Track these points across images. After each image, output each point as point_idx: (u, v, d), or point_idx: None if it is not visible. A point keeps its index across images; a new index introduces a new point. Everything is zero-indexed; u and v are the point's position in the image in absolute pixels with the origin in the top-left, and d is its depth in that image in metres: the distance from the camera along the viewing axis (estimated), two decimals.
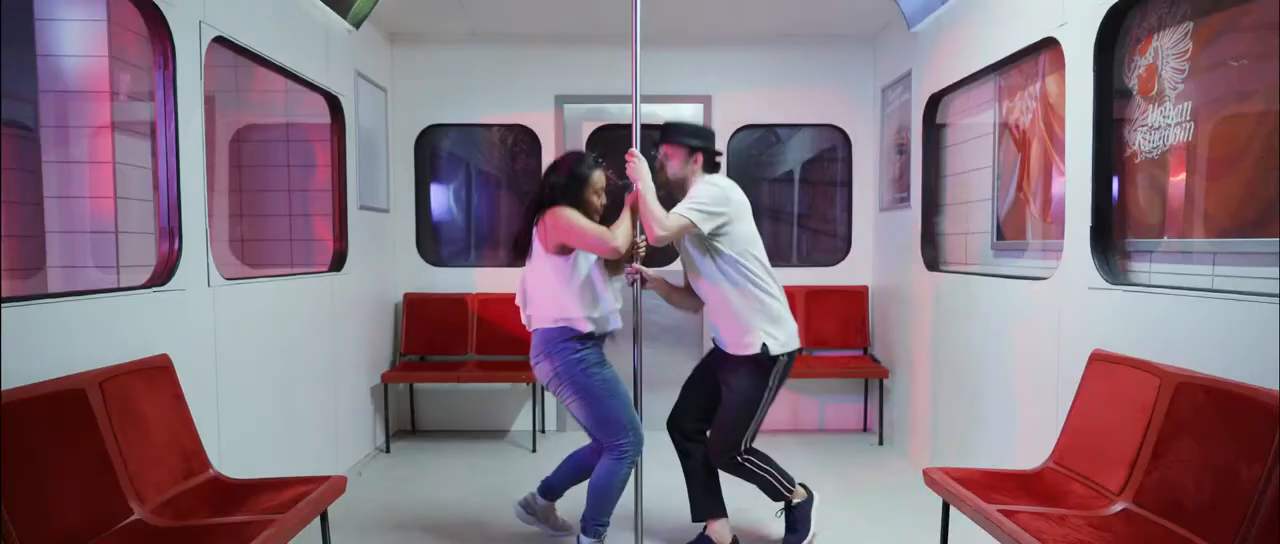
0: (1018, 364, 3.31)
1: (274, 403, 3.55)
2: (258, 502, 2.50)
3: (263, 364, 3.45)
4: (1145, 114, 2.81)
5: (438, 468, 4.45)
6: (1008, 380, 3.40)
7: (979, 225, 4.03)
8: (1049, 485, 2.63)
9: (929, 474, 2.72)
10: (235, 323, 3.19)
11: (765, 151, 5.45)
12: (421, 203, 5.27)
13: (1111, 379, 2.60)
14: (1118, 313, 2.69)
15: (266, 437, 3.46)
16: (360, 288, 4.56)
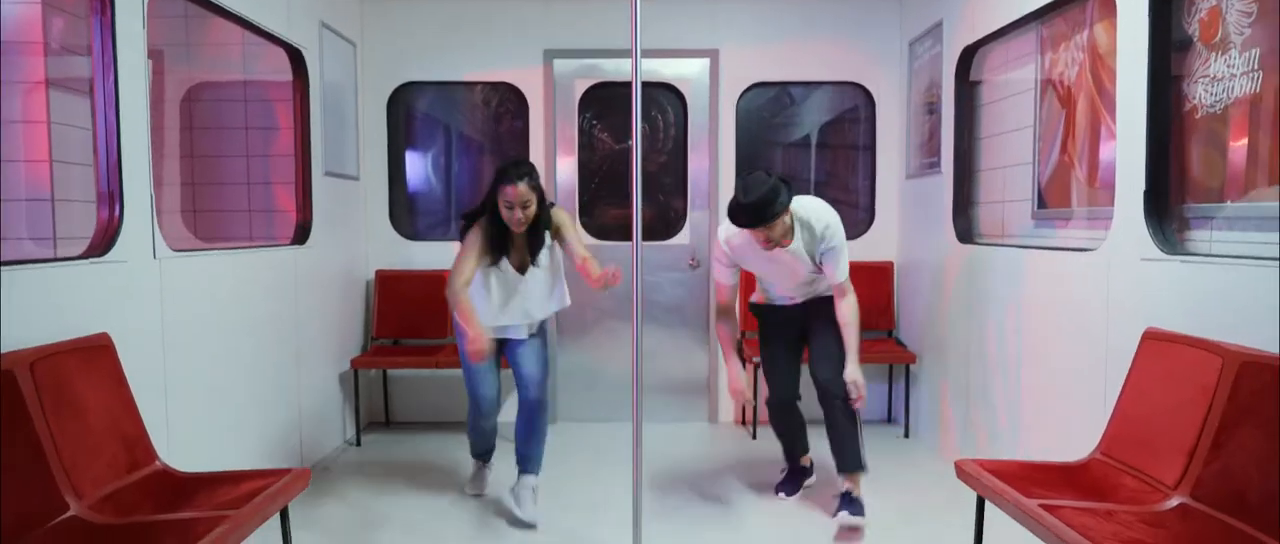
0: (1061, 346, 3.28)
1: (230, 390, 3.51)
2: (210, 497, 2.47)
3: (217, 346, 3.41)
4: (1206, 64, 2.76)
5: (414, 463, 4.43)
6: (1050, 364, 3.37)
7: (1018, 192, 3.99)
8: (1096, 478, 2.60)
9: (962, 466, 2.69)
10: (185, 300, 3.16)
11: (779, 114, 5.41)
12: (395, 170, 5.23)
13: (1167, 360, 2.57)
14: (1174, 286, 2.65)
15: (222, 427, 3.43)
16: (326, 263, 4.52)
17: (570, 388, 5.30)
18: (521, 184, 3.39)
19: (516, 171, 3.41)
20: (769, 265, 3.63)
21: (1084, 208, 3.51)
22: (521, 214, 3.41)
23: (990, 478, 2.55)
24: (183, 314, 3.14)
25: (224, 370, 3.48)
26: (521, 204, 3.40)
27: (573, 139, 5.19)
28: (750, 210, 3.34)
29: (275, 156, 5.02)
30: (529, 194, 3.41)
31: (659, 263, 5.21)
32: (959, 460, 2.72)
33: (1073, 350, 3.19)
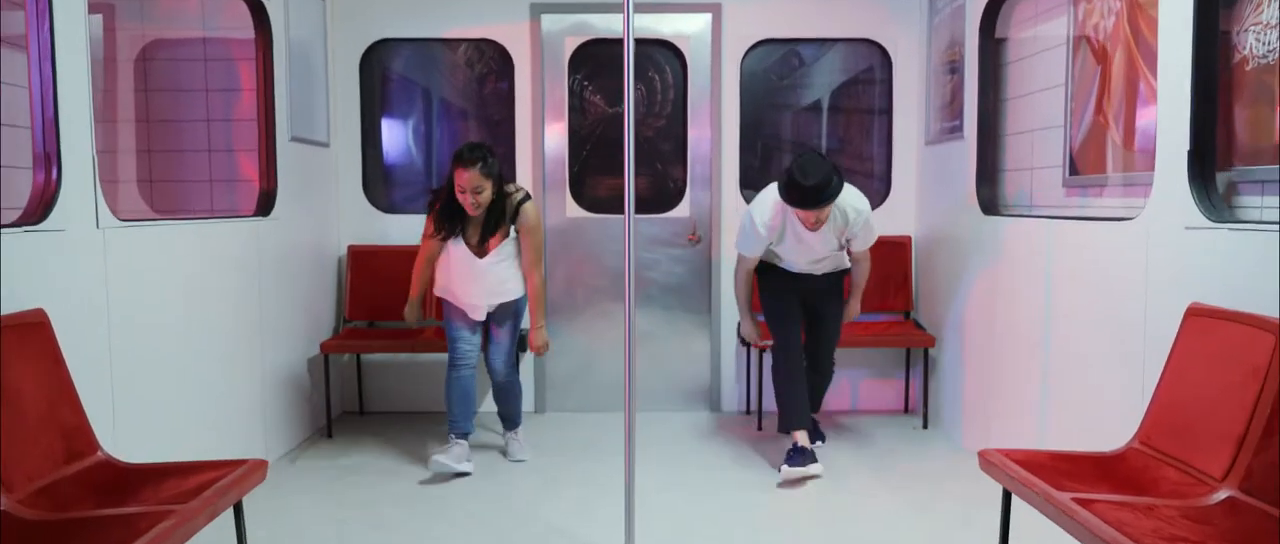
0: (1095, 325, 3.22)
1: (185, 375, 3.44)
2: (156, 490, 2.41)
3: (170, 327, 3.34)
4: (1258, 9, 2.67)
5: (390, 455, 4.37)
6: (1083, 345, 3.31)
7: (1047, 158, 3.92)
8: (1134, 470, 2.53)
9: (986, 457, 2.63)
10: (133, 274, 3.08)
11: (787, 77, 5.32)
12: (369, 136, 5.15)
13: (1213, 339, 2.49)
14: (1221, 258, 2.57)
15: (175, 416, 3.36)
16: (293, 237, 4.45)
17: (560, 375, 5.23)
18: (474, 169, 3.73)
19: (470, 156, 3.74)
20: (796, 244, 3.98)
21: (1120, 173, 3.43)
22: (474, 198, 3.76)
23: (1017, 469, 2.48)
24: (131, 290, 3.06)
25: (178, 354, 3.40)
26: (474, 189, 3.75)
27: (562, 102, 5.10)
28: (812, 192, 3.65)
29: (239, 121, 4.94)
30: (481, 180, 3.75)
31: (656, 238, 5.13)
32: (983, 450, 2.66)
33: (1108, 329, 3.13)
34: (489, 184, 3.80)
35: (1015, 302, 3.86)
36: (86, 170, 2.84)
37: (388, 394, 5.20)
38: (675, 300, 5.21)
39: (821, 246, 3.98)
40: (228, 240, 3.85)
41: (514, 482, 4.00)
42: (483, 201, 3.81)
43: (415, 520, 3.51)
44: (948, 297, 4.65)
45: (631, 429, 3.06)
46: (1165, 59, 2.83)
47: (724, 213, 5.09)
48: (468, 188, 3.77)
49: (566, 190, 5.13)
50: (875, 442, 4.57)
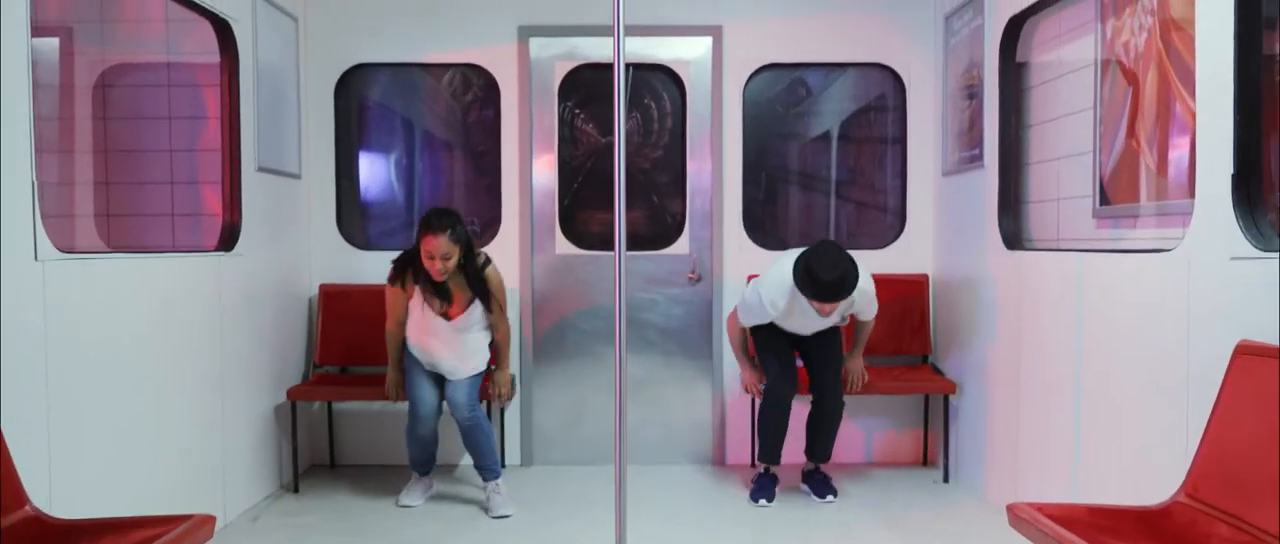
0: (1132, 366, 3.12)
1: (134, 424, 3.32)
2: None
3: (117, 369, 3.22)
4: None
5: (362, 512, 4.23)
6: (1118, 389, 3.20)
7: (1075, 187, 3.85)
8: (1181, 526, 2.43)
9: (1016, 512, 2.51)
10: (77, 311, 2.97)
11: (791, 109, 5.27)
12: (344, 167, 5.09)
13: (1265, 379, 2.39)
14: (1271, 289, 2.47)
15: (122, 469, 3.23)
16: (259, 274, 4.35)
17: (548, 426, 5.11)
18: (443, 236, 3.95)
19: (439, 223, 3.97)
20: (801, 322, 4.19)
21: (1156, 202, 3.34)
22: (442, 265, 3.97)
23: (1052, 525, 2.36)
24: (73, 329, 2.95)
25: (127, 399, 3.28)
26: (443, 256, 3.96)
27: (552, 131, 5.03)
28: (833, 287, 3.83)
29: (204, 151, 4.86)
30: (450, 247, 3.97)
31: (653, 277, 5.04)
32: (1013, 505, 2.54)
33: (1147, 371, 3.03)
34: (457, 250, 4.00)
35: (1044, 343, 3.75)
36: (25, 199, 2.74)
37: (361, 445, 5.06)
38: (674, 344, 5.10)
39: (824, 323, 4.20)
40: (186, 277, 3.74)
41: (500, 540, 3.86)
42: (450, 267, 4.02)
43: None
44: (969, 339, 4.54)
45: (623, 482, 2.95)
46: (1204, 76, 2.76)
47: (726, 249, 5.00)
48: (436, 254, 3.97)
49: (556, 225, 5.05)
50: (892, 496, 4.44)
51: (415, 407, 4.19)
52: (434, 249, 3.96)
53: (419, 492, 4.37)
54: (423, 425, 4.19)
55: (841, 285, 3.82)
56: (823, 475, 4.44)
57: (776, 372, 4.28)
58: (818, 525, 4.02)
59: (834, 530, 3.95)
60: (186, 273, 3.76)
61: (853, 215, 5.41)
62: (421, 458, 4.33)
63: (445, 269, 4.01)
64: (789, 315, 4.15)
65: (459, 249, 4.01)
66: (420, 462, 4.34)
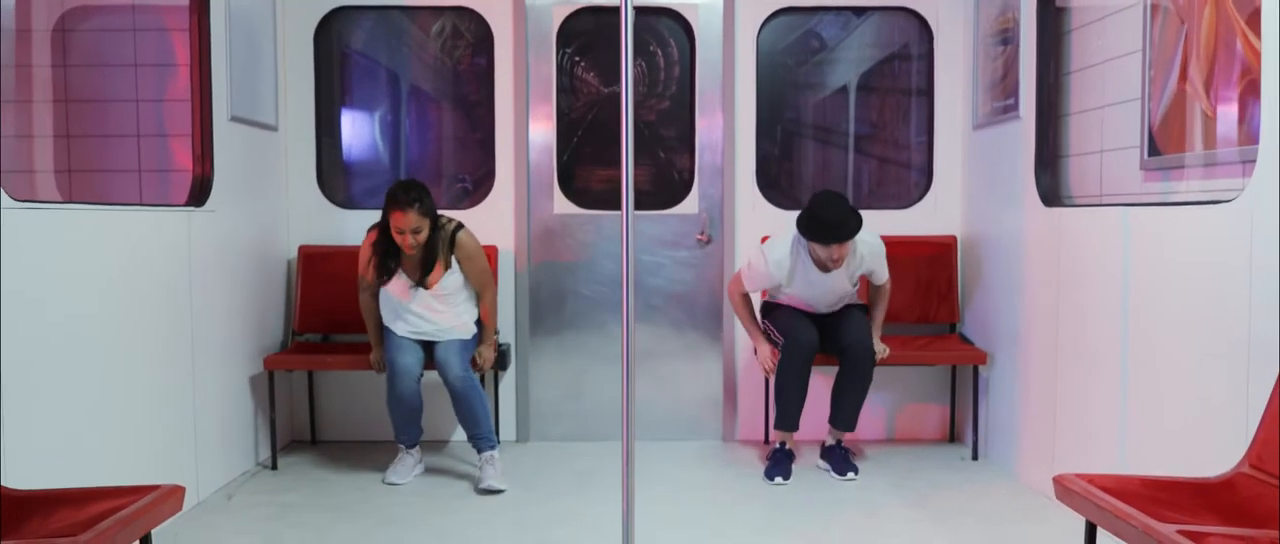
0: (1185, 328, 3.04)
1: (96, 390, 3.24)
2: (46, 521, 2.23)
3: (77, 331, 3.14)
4: None
5: (345, 491, 4.16)
6: (1168, 355, 3.13)
7: (1120, 138, 3.76)
8: (1245, 498, 2.37)
9: (1064, 483, 2.43)
10: (31, 267, 2.88)
11: (809, 57, 5.17)
12: (324, 119, 5.00)
13: None
14: None
15: (81, 439, 3.15)
16: (233, 233, 4.26)
17: (546, 400, 5.03)
18: (412, 210, 4.03)
19: (406, 197, 4.05)
20: (807, 287, 4.28)
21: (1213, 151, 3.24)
22: (412, 239, 4.07)
23: (1105, 497, 2.29)
24: (27, 286, 2.86)
25: (88, 365, 3.20)
26: (412, 230, 4.06)
27: (550, 81, 4.94)
28: (833, 226, 4.01)
29: (173, 102, 4.80)
30: (419, 220, 4.06)
31: (659, 238, 4.94)
32: (1060, 476, 2.46)
33: (1202, 333, 2.95)
34: (426, 223, 4.10)
35: (1085, 307, 3.67)
36: None
37: (344, 419, 5.00)
38: (681, 312, 5.02)
39: (833, 289, 4.29)
40: (153, 233, 3.65)
41: (492, 519, 3.79)
42: (419, 241, 4.11)
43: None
44: (1001, 305, 4.46)
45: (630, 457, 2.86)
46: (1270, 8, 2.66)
47: (738, 209, 4.91)
48: (406, 229, 4.06)
49: (554, 183, 4.95)
50: (916, 475, 4.36)
51: (393, 365, 4.15)
52: (403, 224, 4.05)
53: (406, 467, 4.31)
54: (403, 383, 4.14)
55: (844, 224, 4.00)
56: (843, 451, 4.38)
57: (796, 326, 4.28)
58: (838, 505, 3.95)
59: (856, 510, 3.88)
60: (154, 229, 3.66)
61: (875, 172, 5.32)
62: (406, 426, 4.28)
63: (416, 243, 4.10)
64: (795, 277, 4.23)
65: (428, 222, 4.11)
66: (405, 431, 4.30)
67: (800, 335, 4.26)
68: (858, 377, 4.31)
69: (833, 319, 4.40)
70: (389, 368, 4.18)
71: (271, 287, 4.74)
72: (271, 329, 4.74)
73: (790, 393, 4.29)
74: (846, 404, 4.35)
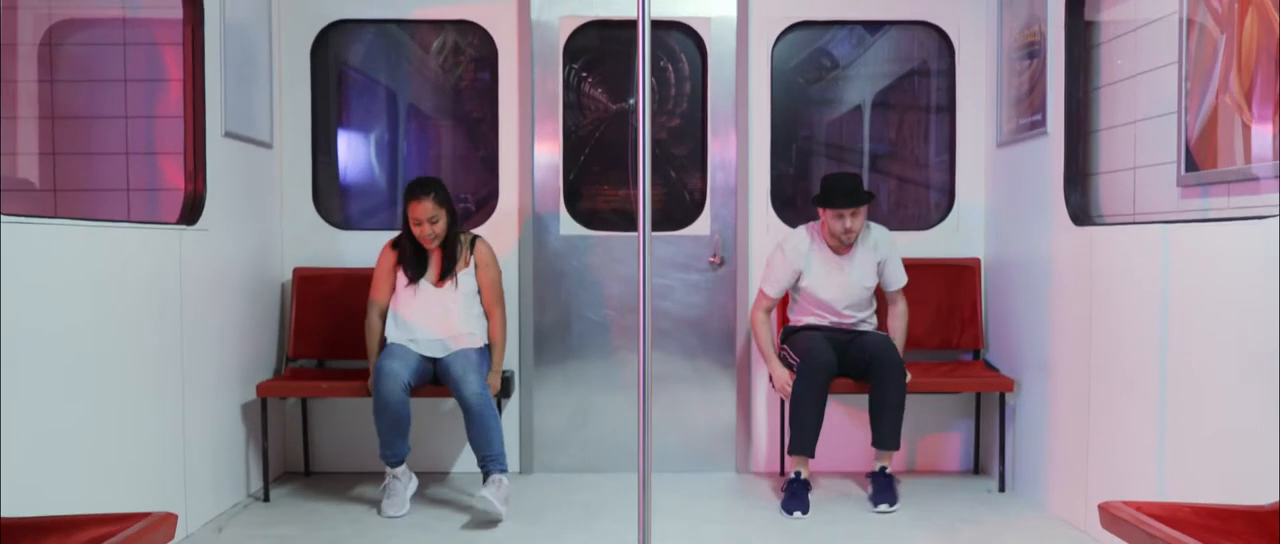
0: (1227, 351, 2.98)
1: (79, 417, 3.17)
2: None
3: (60, 355, 3.08)
4: None
5: (342, 526, 4.09)
6: (1209, 378, 3.07)
7: (1154, 153, 3.72)
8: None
9: (1111, 511, 2.36)
10: (14, 285, 2.82)
11: (820, 79, 5.15)
12: (322, 136, 4.96)
13: None
14: None
15: (65, 468, 3.08)
16: (226, 253, 4.21)
17: (550, 429, 4.97)
18: (428, 199, 4.18)
19: (422, 188, 4.21)
20: (827, 278, 4.41)
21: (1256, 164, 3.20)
22: (431, 229, 4.21)
23: (1157, 525, 2.21)
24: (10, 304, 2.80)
25: (73, 389, 3.14)
26: (429, 219, 4.19)
27: (556, 96, 4.90)
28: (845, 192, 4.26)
29: (164, 118, 4.76)
30: (436, 209, 4.20)
31: (670, 260, 4.89)
32: (1106, 503, 2.39)
33: (1244, 356, 2.89)
34: (443, 214, 4.24)
35: (1120, 330, 3.61)
36: None
37: (339, 450, 4.92)
38: (693, 336, 4.95)
39: (852, 281, 4.42)
40: (143, 251, 3.60)
41: None
42: (439, 232, 4.25)
43: None
44: (1029, 330, 4.40)
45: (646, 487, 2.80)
46: None
47: (752, 229, 4.87)
48: (423, 218, 4.19)
49: (560, 203, 4.90)
50: (941, 507, 4.29)
51: (380, 369, 4.10)
52: (421, 213, 4.17)
53: (400, 493, 4.20)
54: (387, 386, 4.04)
55: (856, 191, 4.27)
56: (888, 479, 4.31)
57: (813, 347, 4.29)
58: (860, 539, 3.87)
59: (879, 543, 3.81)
60: (143, 247, 3.61)
61: (894, 192, 5.28)
62: (392, 437, 4.14)
63: (434, 234, 4.22)
64: (812, 265, 4.40)
65: (445, 213, 4.23)
66: (391, 444, 4.16)
67: (817, 356, 4.25)
68: (890, 389, 4.25)
69: (855, 344, 4.39)
70: (376, 373, 4.11)
71: (265, 309, 4.68)
72: (264, 354, 4.68)
73: (806, 415, 4.24)
74: (885, 421, 4.27)
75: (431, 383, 4.31)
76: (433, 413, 4.78)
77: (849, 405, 4.80)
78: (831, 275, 4.40)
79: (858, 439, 4.82)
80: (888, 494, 4.23)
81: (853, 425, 4.81)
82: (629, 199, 5.03)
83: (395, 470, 4.20)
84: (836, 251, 4.38)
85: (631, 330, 4.89)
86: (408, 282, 4.30)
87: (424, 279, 4.30)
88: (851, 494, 4.49)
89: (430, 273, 4.31)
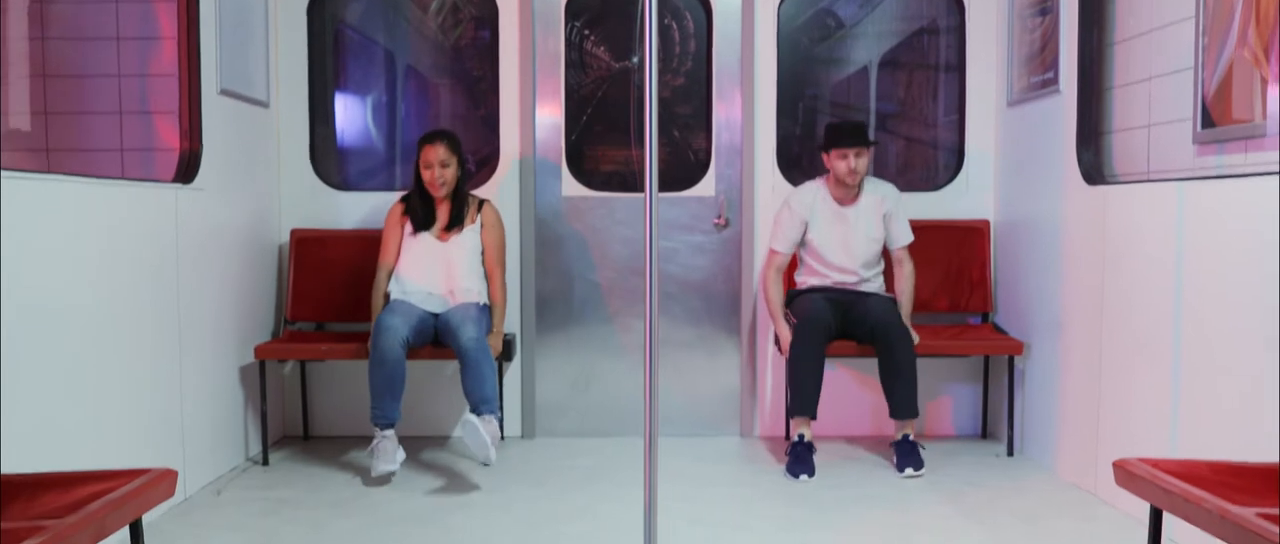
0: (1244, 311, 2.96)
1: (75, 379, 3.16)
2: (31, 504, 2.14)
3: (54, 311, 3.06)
4: None
5: (341, 486, 4.09)
6: (1231, 339, 3.05)
7: (1169, 111, 3.68)
8: None
9: (1126, 468, 2.35)
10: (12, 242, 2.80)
11: (827, 38, 5.11)
12: (318, 96, 4.92)
13: None
14: None
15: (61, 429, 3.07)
16: (222, 213, 4.19)
17: (552, 394, 4.96)
18: (440, 143, 4.28)
19: (435, 133, 4.36)
20: (832, 228, 4.44)
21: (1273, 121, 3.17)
22: (441, 172, 4.28)
23: (1174, 481, 2.20)
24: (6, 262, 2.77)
25: (69, 347, 3.12)
26: (440, 163, 4.27)
27: (557, 56, 4.87)
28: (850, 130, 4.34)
29: (157, 77, 4.71)
30: (448, 154, 4.29)
31: (673, 222, 4.87)
32: (1121, 461, 2.38)
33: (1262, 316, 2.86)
34: (454, 161, 4.31)
35: (1133, 290, 3.60)
36: None
37: (338, 415, 4.92)
38: (698, 299, 4.94)
39: (858, 233, 4.44)
40: (138, 209, 3.57)
41: (501, 515, 3.71)
42: (449, 178, 4.31)
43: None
44: (1039, 292, 4.39)
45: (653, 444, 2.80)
46: None
47: (758, 190, 4.85)
48: (435, 161, 4.27)
49: (562, 163, 4.87)
50: (948, 472, 4.28)
51: (380, 324, 4.11)
52: (433, 156, 4.26)
53: (390, 451, 4.03)
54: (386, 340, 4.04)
55: (861, 130, 4.36)
56: (911, 444, 4.26)
57: (812, 307, 4.32)
58: (867, 502, 3.87)
59: (886, 507, 3.81)
60: (138, 204, 3.58)
61: (902, 153, 5.25)
62: (385, 396, 4.07)
63: (444, 179, 4.28)
64: (818, 217, 4.44)
65: (456, 162, 4.32)
66: (382, 403, 4.07)
67: (815, 317, 4.26)
68: (898, 357, 4.23)
69: (858, 306, 4.37)
70: (376, 328, 4.12)
71: (262, 271, 4.66)
72: (262, 317, 4.66)
73: (805, 375, 4.24)
74: (898, 390, 4.26)
75: (432, 342, 4.29)
76: (435, 376, 4.77)
77: (853, 368, 4.80)
78: (837, 227, 4.43)
79: (861, 401, 4.86)
80: (913, 459, 4.20)
81: (857, 387, 4.82)
82: (631, 159, 5.00)
83: (384, 433, 4.08)
84: (842, 203, 4.42)
85: (634, 293, 4.87)
86: (413, 231, 4.35)
87: (429, 232, 4.34)
88: (857, 457, 4.49)
89: (436, 225, 4.35)
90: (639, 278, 4.79)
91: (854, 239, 4.44)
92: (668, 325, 4.90)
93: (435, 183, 4.27)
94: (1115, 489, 2.33)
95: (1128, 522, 3.49)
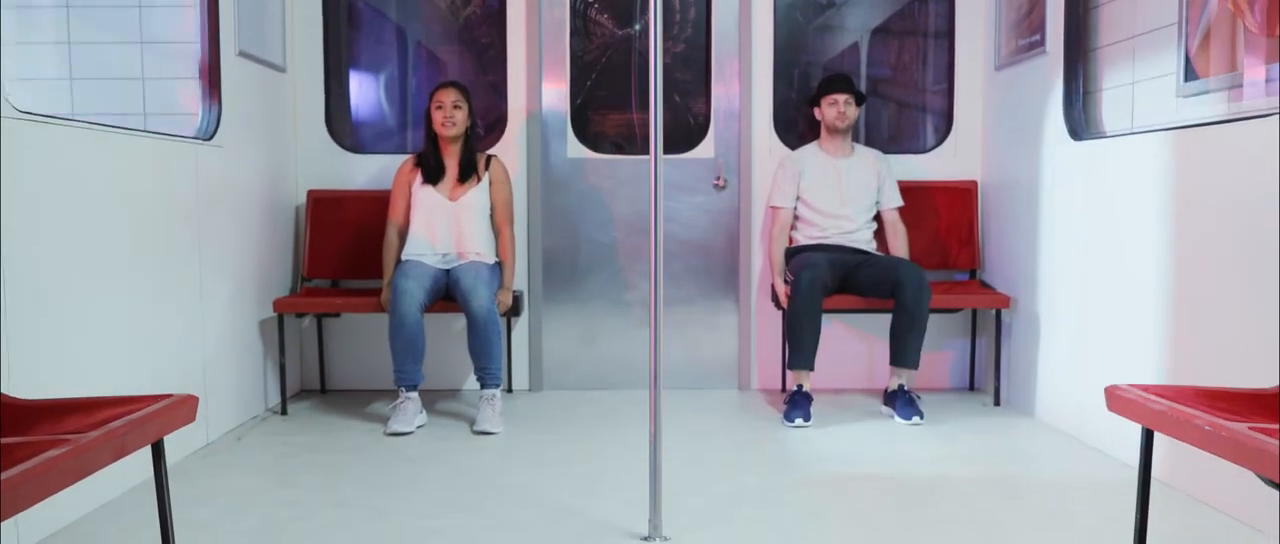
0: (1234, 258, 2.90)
1: (103, 320, 3.10)
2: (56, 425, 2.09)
3: (83, 255, 3.00)
4: None
5: (358, 432, 4.05)
6: (1215, 284, 2.99)
7: (1154, 68, 3.61)
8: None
9: (1118, 393, 2.29)
10: (36, 184, 2.74)
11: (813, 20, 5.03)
12: (333, 61, 4.85)
13: None
14: None
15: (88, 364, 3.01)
16: (242, 171, 4.13)
17: (559, 348, 4.90)
18: (452, 88, 4.25)
19: (447, 81, 4.36)
20: (825, 178, 4.44)
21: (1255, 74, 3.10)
22: (451, 114, 4.21)
23: (1164, 402, 2.15)
24: (32, 202, 2.72)
25: (96, 291, 3.06)
26: (452, 105, 4.21)
27: (563, 22, 4.78)
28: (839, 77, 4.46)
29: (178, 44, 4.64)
30: (459, 98, 4.24)
31: (674, 183, 4.80)
32: (1112, 387, 2.32)
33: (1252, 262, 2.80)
34: (465, 106, 4.25)
35: (1118, 242, 3.54)
36: None
37: (355, 369, 4.86)
38: (697, 257, 4.88)
39: (860, 187, 4.44)
40: (161, 162, 3.51)
41: (509, 458, 3.66)
42: (459, 120, 4.23)
43: (389, 500, 3.16)
44: (1024, 247, 4.32)
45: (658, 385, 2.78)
46: None
47: (755, 153, 4.77)
48: (445, 103, 4.21)
49: (567, 126, 4.80)
50: (939, 419, 4.23)
51: (397, 287, 4.04)
52: (444, 98, 4.21)
53: (409, 413, 4.03)
54: (405, 304, 3.98)
55: (849, 77, 4.47)
56: (908, 395, 4.21)
57: (810, 262, 4.22)
58: (861, 445, 3.83)
59: (880, 449, 3.77)
60: (161, 158, 3.52)
61: (892, 117, 5.18)
62: (406, 358, 4.03)
63: (453, 120, 4.22)
64: (811, 169, 4.45)
65: (467, 107, 4.26)
66: (405, 365, 4.05)
67: (812, 271, 4.17)
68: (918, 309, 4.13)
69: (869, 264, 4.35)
70: (393, 291, 4.05)
71: (280, 230, 4.60)
72: (280, 274, 4.60)
73: (802, 329, 4.17)
74: (910, 340, 4.19)
75: (444, 298, 4.22)
76: (446, 331, 4.71)
77: (849, 325, 4.75)
78: (830, 177, 4.43)
79: (858, 355, 4.80)
80: (913, 408, 4.15)
81: (853, 341, 4.77)
82: (634, 123, 4.93)
83: (408, 393, 4.06)
84: (834, 156, 4.45)
85: (637, 252, 4.81)
86: (422, 182, 4.28)
87: (439, 187, 4.27)
88: (853, 406, 4.44)
89: (447, 180, 4.28)
90: (641, 237, 4.73)
91: (847, 187, 4.43)
92: (668, 283, 4.83)
93: (446, 123, 4.20)
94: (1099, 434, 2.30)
95: (1110, 461, 3.46)
